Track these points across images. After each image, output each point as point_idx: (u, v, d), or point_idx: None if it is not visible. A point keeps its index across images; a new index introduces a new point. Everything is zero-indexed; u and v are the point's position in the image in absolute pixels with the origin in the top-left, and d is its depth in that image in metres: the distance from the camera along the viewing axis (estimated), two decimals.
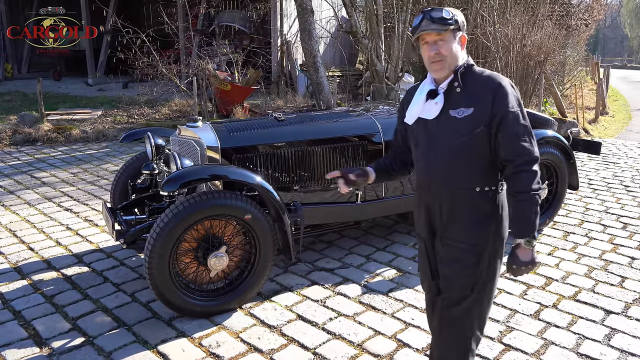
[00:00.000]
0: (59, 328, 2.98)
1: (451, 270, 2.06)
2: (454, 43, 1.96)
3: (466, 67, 2.00)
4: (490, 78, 1.97)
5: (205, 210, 2.94)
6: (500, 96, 1.92)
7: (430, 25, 1.93)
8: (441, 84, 2.02)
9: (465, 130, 1.94)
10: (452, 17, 1.93)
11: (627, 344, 2.84)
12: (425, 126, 2.05)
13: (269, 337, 2.91)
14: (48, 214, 4.88)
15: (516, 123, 1.92)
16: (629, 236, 4.40)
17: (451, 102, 1.99)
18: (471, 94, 1.96)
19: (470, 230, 2.01)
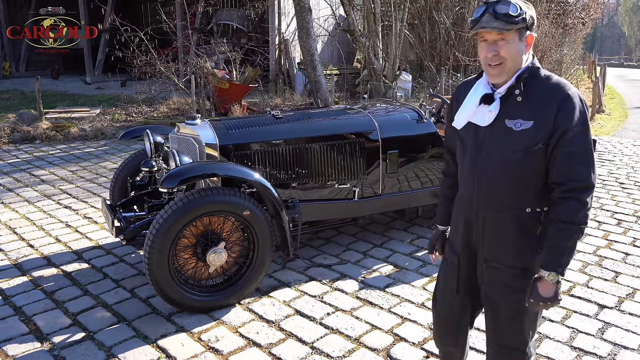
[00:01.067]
0: (60, 323, 3.02)
1: (500, 295, 1.86)
2: (517, 44, 1.68)
3: (530, 71, 1.72)
4: (558, 87, 1.69)
5: (204, 207, 2.97)
6: (566, 111, 1.65)
7: (491, 22, 1.64)
8: (499, 87, 1.75)
9: (521, 145, 1.70)
10: (519, 13, 1.63)
11: (620, 338, 2.89)
12: (476, 133, 1.81)
13: (267, 332, 2.95)
14: (47, 212, 4.91)
15: (575, 142, 1.65)
16: (623, 232, 4.45)
17: (508, 110, 1.73)
18: (533, 104, 1.70)
19: (520, 254, 1.80)
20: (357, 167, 3.91)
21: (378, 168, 3.98)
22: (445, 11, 12.78)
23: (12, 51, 16.36)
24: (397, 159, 4.03)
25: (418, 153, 4.13)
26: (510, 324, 1.88)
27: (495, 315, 1.91)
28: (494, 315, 1.91)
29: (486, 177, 1.79)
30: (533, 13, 1.69)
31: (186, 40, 12.64)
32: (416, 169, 4.15)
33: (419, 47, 13.37)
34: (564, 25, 14.47)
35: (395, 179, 4.08)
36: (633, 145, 8.55)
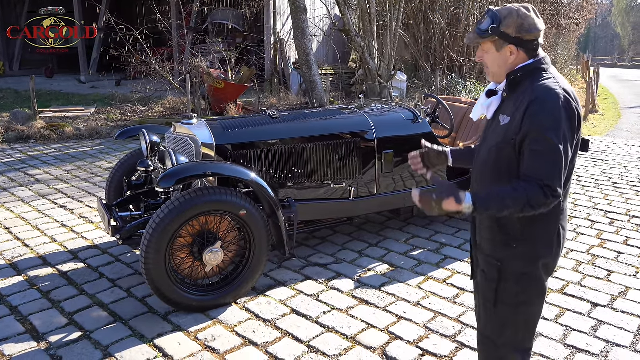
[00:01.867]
0: (56, 323, 3.02)
1: (481, 277, 1.98)
2: (495, 54, 1.85)
3: (526, 71, 1.83)
4: (537, 88, 1.76)
5: (200, 206, 2.98)
6: (533, 111, 1.72)
7: (469, 34, 1.90)
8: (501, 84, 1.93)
9: (500, 138, 1.82)
10: (490, 27, 1.80)
11: (613, 335, 2.92)
12: (487, 125, 1.99)
13: (263, 331, 2.97)
14: (43, 211, 4.90)
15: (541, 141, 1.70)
16: (616, 231, 4.50)
17: (503, 106, 1.89)
18: (513, 101, 1.83)
19: (494, 245, 1.90)
20: (353, 166, 3.93)
21: (373, 168, 4.00)
22: (440, 11, 12.81)
23: (6, 50, 16.28)
24: (392, 159, 4.05)
25: None
26: (485, 311, 1.99)
27: (478, 300, 2.06)
28: (478, 300, 2.06)
29: (477, 165, 1.97)
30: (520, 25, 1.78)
31: (181, 40, 12.61)
32: (411, 169, 4.16)
33: (414, 47, 13.40)
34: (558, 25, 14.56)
35: (391, 178, 4.10)
36: (626, 145, 8.61)
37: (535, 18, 1.81)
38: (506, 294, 1.89)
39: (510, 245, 1.86)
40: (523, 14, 1.80)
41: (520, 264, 1.86)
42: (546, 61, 1.85)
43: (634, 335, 2.93)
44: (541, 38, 1.85)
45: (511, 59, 1.84)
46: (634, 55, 43.81)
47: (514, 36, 1.81)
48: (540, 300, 1.93)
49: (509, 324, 1.93)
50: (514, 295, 1.89)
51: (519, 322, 1.93)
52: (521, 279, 1.87)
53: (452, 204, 1.70)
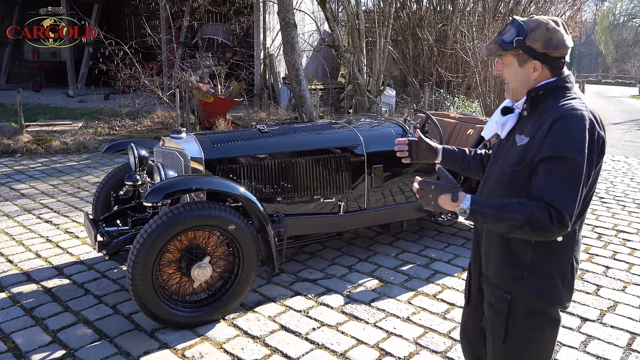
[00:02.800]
0: (39, 341, 2.95)
1: (488, 310, 1.84)
2: (517, 69, 1.73)
3: (548, 89, 1.70)
4: (561, 106, 1.63)
5: (189, 221, 2.95)
6: (555, 131, 1.58)
7: (489, 45, 1.77)
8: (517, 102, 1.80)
9: (517, 159, 1.69)
10: (514, 39, 1.67)
11: (603, 350, 2.92)
12: (499, 145, 1.86)
13: (252, 348, 2.92)
14: (27, 226, 4.82)
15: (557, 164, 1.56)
16: (604, 246, 4.52)
17: (520, 125, 1.76)
18: (534, 120, 1.69)
19: (503, 275, 1.75)
20: (343, 181, 3.92)
21: (363, 182, 4.00)
22: (428, 28, 12.99)
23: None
24: (382, 174, 4.06)
25: (403, 167, 4.16)
26: (493, 348, 1.84)
27: (487, 335, 1.88)
28: (487, 334, 1.88)
29: (487, 187, 1.84)
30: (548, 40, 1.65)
31: (171, 54, 12.62)
32: (401, 184, 4.18)
33: (403, 63, 13.54)
34: None
35: (380, 193, 4.10)
36: (612, 160, 8.72)
37: (564, 33, 1.68)
38: (516, 330, 1.75)
39: (521, 277, 1.71)
40: (552, 27, 1.66)
41: (531, 298, 1.71)
42: (570, 79, 1.73)
43: (624, 350, 2.93)
44: (568, 56, 1.71)
45: (534, 75, 1.71)
46: (617, 72, 44.67)
47: (540, 51, 1.67)
48: (553, 334, 1.78)
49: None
50: (524, 331, 1.75)
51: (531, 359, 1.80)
52: (532, 314, 1.73)
53: (448, 201, 1.60)
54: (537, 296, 1.70)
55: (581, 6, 17.19)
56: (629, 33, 48.44)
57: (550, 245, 1.66)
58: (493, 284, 1.79)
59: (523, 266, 1.70)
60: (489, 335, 1.86)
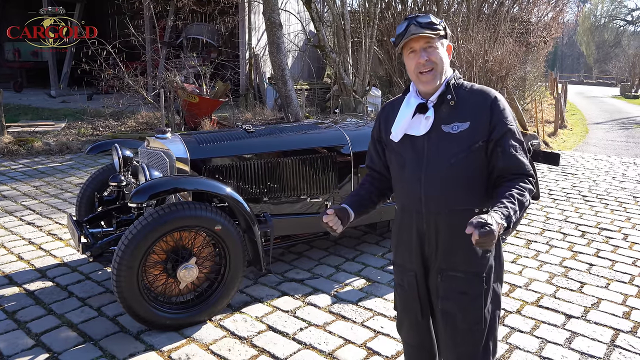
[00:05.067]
0: (22, 344, 2.90)
1: (457, 304, 1.84)
2: (442, 50, 1.82)
3: (457, 79, 1.86)
4: (484, 91, 1.84)
5: (174, 222, 2.92)
6: (498, 110, 1.79)
7: (418, 30, 1.76)
8: (429, 97, 1.85)
9: (463, 145, 1.78)
10: (439, 22, 1.81)
11: (587, 347, 2.96)
12: (413, 144, 1.85)
13: (239, 349, 2.90)
14: (9, 228, 4.74)
15: (515, 139, 1.79)
16: (587, 244, 4.58)
17: (442, 117, 1.82)
18: (465, 107, 1.81)
19: (474, 257, 1.82)
20: (329, 181, 3.92)
21: (350, 182, 4.00)
22: None
23: None
24: None
25: None
26: (469, 335, 1.85)
27: (453, 329, 1.87)
28: (453, 329, 1.87)
29: (433, 183, 1.81)
30: (446, 25, 1.86)
31: (155, 54, 12.51)
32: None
33: (388, 63, 13.58)
34: (527, 43, 14.95)
35: None
36: (594, 159, 8.85)
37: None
38: (492, 305, 1.85)
39: (488, 250, 1.82)
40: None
41: (495, 267, 1.86)
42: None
43: (607, 347, 2.96)
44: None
45: (449, 57, 1.86)
46: (599, 73, 45.35)
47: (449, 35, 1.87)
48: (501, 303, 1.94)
49: (491, 339, 1.88)
50: (494, 302, 1.87)
51: (495, 331, 1.91)
52: (496, 283, 1.88)
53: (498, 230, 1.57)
54: (498, 264, 1.87)
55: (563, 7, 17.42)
56: (610, 34, 49.21)
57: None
58: (465, 272, 1.83)
59: None
60: (457, 328, 1.85)
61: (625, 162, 8.65)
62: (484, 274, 1.83)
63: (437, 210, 1.82)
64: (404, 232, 1.94)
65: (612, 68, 40.31)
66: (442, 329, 1.92)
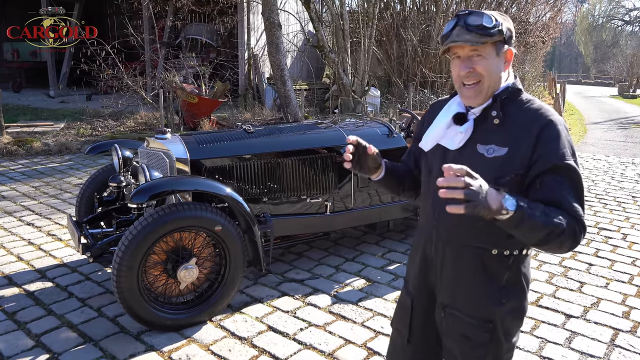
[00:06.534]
0: (22, 345, 2.90)
1: (457, 346, 1.62)
2: (495, 60, 1.48)
3: (510, 92, 1.52)
4: (540, 112, 1.48)
5: (174, 222, 2.92)
6: (548, 138, 1.43)
7: (463, 35, 1.45)
8: (474, 107, 1.56)
9: (492, 174, 1.43)
10: (495, 24, 1.45)
11: (587, 346, 2.96)
12: (444, 157, 1.58)
13: (239, 349, 2.90)
14: (8, 229, 4.73)
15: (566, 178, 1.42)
16: (586, 243, 4.59)
17: (482, 134, 1.52)
18: (510, 129, 1.48)
19: (482, 303, 1.55)
20: (329, 181, 3.92)
21: (349, 182, 4.00)
22: (412, 29, 13.05)
23: None
24: None
25: None
26: None
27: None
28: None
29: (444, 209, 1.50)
30: (511, 25, 1.51)
31: (154, 54, 12.50)
32: None
33: (387, 64, 13.59)
34: (525, 43, 14.98)
35: (367, 193, 4.11)
36: (592, 159, 8.86)
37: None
38: (497, 354, 1.59)
39: (499, 301, 1.54)
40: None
41: (509, 318, 1.56)
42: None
43: (607, 346, 2.97)
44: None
45: (506, 67, 1.52)
46: (597, 73, 45.41)
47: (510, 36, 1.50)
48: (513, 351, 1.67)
49: None
50: (504, 352, 1.61)
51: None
52: (510, 334, 1.59)
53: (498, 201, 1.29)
54: (515, 315, 1.57)
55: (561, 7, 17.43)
56: (607, 34, 49.28)
57: (523, 260, 1.56)
58: (467, 315, 1.57)
59: (500, 289, 1.55)
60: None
61: (623, 161, 8.67)
62: (490, 324, 1.54)
63: (448, 239, 1.58)
64: (415, 251, 1.74)
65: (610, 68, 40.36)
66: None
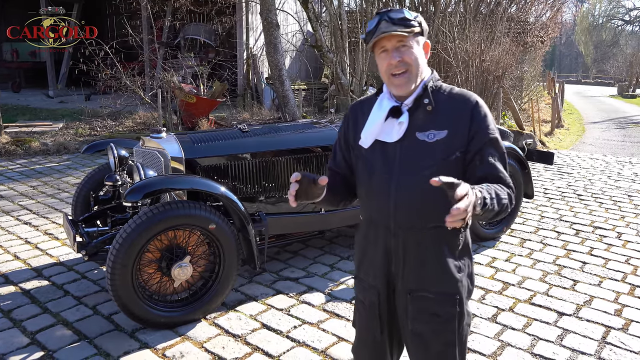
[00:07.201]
0: (17, 343, 2.92)
1: (428, 326, 1.68)
2: (418, 49, 1.63)
3: (434, 82, 1.68)
4: (465, 96, 1.66)
5: (168, 220, 2.94)
6: (479, 117, 1.62)
7: (391, 27, 1.57)
8: (404, 100, 1.66)
9: (438, 156, 1.59)
10: (414, 17, 1.61)
11: (578, 344, 2.98)
12: (384, 151, 1.66)
13: (233, 347, 2.92)
14: (5, 228, 4.75)
15: (496, 148, 1.63)
16: (581, 242, 4.61)
17: (417, 123, 1.63)
18: (444, 113, 1.63)
19: (446, 278, 1.66)
20: None
21: None
22: None
23: None
24: None
25: None
26: (441, 357, 1.72)
27: (425, 352, 1.72)
28: (424, 351, 1.73)
29: (403, 196, 1.63)
30: (423, 20, 1.67)
31: (153, 55, 12.52)
32: None
33: None
34: (524, 43, 14.98)
35: None
36: (590, 158, 8.88)
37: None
38: (462, 326, 1.71)
39: (460, 272, 1.69)
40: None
41: (468, 287, 1.72)
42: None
43: (598, 343, 2.99)
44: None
45: (426, 56, 1.67)
46: (597, 73, 45.42)
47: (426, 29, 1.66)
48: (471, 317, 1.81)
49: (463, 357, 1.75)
50: (467, 321, 1.73)
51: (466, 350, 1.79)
52: (467, 303, 1.73)
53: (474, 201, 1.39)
54: (470, 280, 1.74)
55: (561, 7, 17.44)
56: (607, 34, 49.29)
57: (466, 229, 1.71)
58: (436, 292, 1.67)
59: (458, 260, 1.69)
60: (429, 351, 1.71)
61: (621, 161, 8.69)
62: (457, 296, 1.67)
63: (407, 225, 1.65)
64: (370, 246, 1.76)
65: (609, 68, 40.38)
66: (412, 350, 1.77)
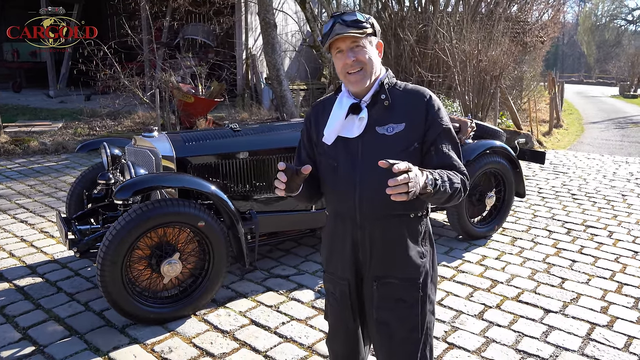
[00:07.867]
0: (9, 338, 2.97)
1: (393, 312, 1.78)
2: (371, 49, 1.74)
3: (390, 79, 1.81)
4: (419, 91, 1.79)
5: (158, 218, 2.98)
6: (433, 109, 1.74)
7: (345, 29, 1.68)
8: (362, 97, 1.77)
9: (399, 148, 1.71)
10: (366, 19, 1.73)
11: (562, 340, 3.01)
12: (347, 147, 1.76)
13: (221, 342, 2.97)
14: (2, 226, 4.80)
15: (449, 138, 1.76)
16: (572, 240, 4.64)
17: (376, 118, 1.75)
18: (400, 108, 1.75)
19: (410, 264, 1.76)
20: None
21: None
22: (409, 29, 13.10)
23: None
24: None
25: None
26: (405, 344, 1.78)
27: (389, 339, 1.79)
28: (388, 338, 1.79)
29: (368, 188, 1.72)
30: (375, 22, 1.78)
31: (152, 55, 12.57)
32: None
33: (384, 63, 13.62)
34: (524, 43, 15.00)
35: None
36: (586, 158, 8.89)
37: None
38: (428, 313, 1.80)
39: (423, 257, 1.80)
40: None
41: (430, 271, 1.81)
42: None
43: (582, 340, 3.02)
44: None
45: (380, 55, 1.79)
46: (599, 73, 45.33)
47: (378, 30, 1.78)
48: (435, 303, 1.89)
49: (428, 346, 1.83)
50: (430, 306, 1.82)
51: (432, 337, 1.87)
52: (430, 286, 1.82)
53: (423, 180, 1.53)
54: (432, 265, 1.83)
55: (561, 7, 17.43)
56: (610, 34, 49.19)
57: (428, 217, 1.84)
58: (402, 279, 1.77)
59: (421, 246, 1.80)
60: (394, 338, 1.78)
61: (617, 160, 8.70)
62: (419, 281, 1.77)
63: (372, 216, 1.74)
64: (337, 240, 1.85)
65: (612, 68, 40.30)
66: (377, 340, 1.83)
